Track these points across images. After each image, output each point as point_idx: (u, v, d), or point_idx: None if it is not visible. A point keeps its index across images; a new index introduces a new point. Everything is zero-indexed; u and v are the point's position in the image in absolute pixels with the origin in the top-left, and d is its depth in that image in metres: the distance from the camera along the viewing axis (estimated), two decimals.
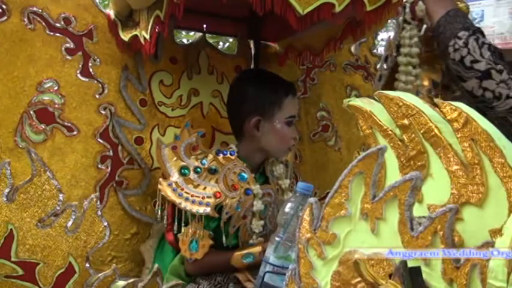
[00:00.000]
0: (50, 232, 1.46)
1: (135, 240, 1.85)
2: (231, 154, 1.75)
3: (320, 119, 2.37)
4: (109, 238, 1.50)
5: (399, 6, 1.61)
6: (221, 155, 1.74)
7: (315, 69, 2.37)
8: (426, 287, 0.86)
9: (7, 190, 1.44)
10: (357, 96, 2.48)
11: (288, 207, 1.35)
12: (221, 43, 3.91)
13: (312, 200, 0.98)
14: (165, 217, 1.70)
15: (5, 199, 1.43)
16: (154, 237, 1.86)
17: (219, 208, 1.66)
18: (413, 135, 1.04)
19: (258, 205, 1.71)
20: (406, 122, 1.05)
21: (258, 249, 1.62)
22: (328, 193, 2.14)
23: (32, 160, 1.44)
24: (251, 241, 1.70)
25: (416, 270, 0.86)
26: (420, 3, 1.49)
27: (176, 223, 1.66)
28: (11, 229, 1.45)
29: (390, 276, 0.86)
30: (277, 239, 1.34)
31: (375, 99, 1.16)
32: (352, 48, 2.51)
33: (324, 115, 2.38)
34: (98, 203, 1.48)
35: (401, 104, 1.06)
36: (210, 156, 1.73)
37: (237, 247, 1.70)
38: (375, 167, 0.90)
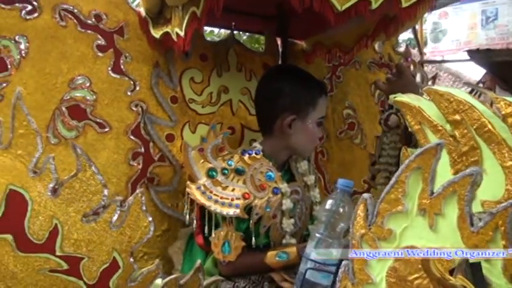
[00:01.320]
0: (94, 227, 1.46)
1: (166, 237, 1.84)
2: (256, 153, 1.74)
3: (346, 117, 2.37)
4: (153, 233, 1.50)
5: (433, 2, 1.62)
6: (247, 155, 1.73)
7: (341, 67, 2.37)
8: (486, 283, 0.85)
9: (52, 185, 1.44)
10: (380, 94, 2.49)
11: (328, 203, 1.35)
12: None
13: (366, 195, 0.97)
14: (194, 220, 1.70)
15: (49, 194, 1.44)
16: (182, 239, 1.85)
17: (248, 209, 1.65)
18: (465, 130, 1.04)
19: (287, 204, 1.70)
20: (457, 117, 1.04)
21: (292, 249, 1.61)
22: (355, 191, 2.15)
23: (77, 155, 1.45)
24: (284, 241, 1.69)
25: (477, 266, 0.85)
26: (392, 116, 1.79)
27: (206, 226, 1.66)
28: (56, 223, 1.45)
29: (450, 272, 0.86)
30: (317, 235, 1.34)
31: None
32: (376, 46, 2.50)
33: (350, 113, 2.38)
34: (143, 198, 1.49)
35: (452, 99, 1.05)
36: (236, 157, 1.73)
37: (269, 247, 1.70)
38: (433, 162, 0.89)
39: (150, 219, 1.49)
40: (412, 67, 2.05)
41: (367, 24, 1.86)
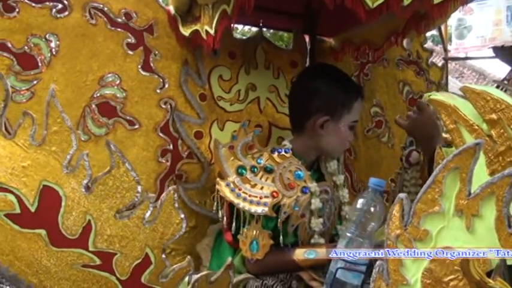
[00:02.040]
0: (127, 223, 1.48)
1: (194, 234, 1.84)
2: (285, 152, 1.73)
3: (373, 115, 2.35)
4: (185, 230, 1.51)
5: None
6: (276, 153, 1.72)
7: (369, 65, 2.35)
8: None
9: (86, 181, 1.46)
10: (409, 92, 2.46)
11: (359, 203, 1.34)
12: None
13: (402, 195, 0.96)
14: (224, 217, 1.70)
15: (83, 190, 1.46)
16: (210, 236, 1.85)
17: (276, 208, 1.64)
18: (502, 130, 1.02)
19: (316, 203, 1.69)
20: (494, 116, 1.03)
21: (322, 248, 1.60)
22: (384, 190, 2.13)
23: (111, 152, 1.47)
24: (312, 240, 1.68)
25: None
26: (414, 152, 1.83)
27: (234, 223, 1.66)
28: (89, 219, 1.48)
29: (487, 274, 0.84)
30: (348, 234, 1.33)
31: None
32: (404, 43, 2.47)
33: (378, 111, 2.36)
34: (175, 195, 1.50)
35: (489, 98, 1.04)
36: (266, 155, 1.72)
37: (297, 245, 1.68)
38: (471, 163, 0.88)
39: (183, 216, 1.51)
40: None
41: (397, 21, 1.84)
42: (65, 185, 1.49)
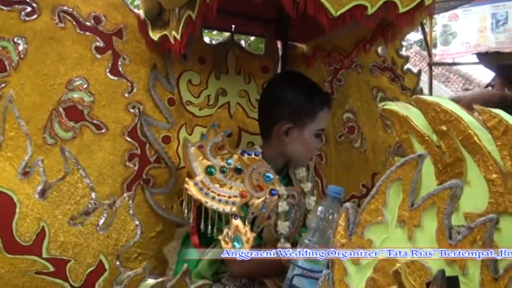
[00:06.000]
0: (81, 230, 1.48)
1: (161, 238, 1.85)
2: (255, 155, 1.74)
3: (346, 121, 2.36)
4: (140, 237, 1.52)
5: (432, 8, 1.61)
6: (246, 155, 1.73)
7: (342, 70, 2.36)
8: None
9: (40, 187, 1.46)
10: (383, 98, 2.47)
11: (318, 210, 1.35)
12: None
13: (348, 205, 0.97)
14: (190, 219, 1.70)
15: (37, 196, 1.45)
16: (178, 239, 1.85)
17: (245, 208, 1.65)
18: (451, 141, 1.03)
19: (283, 206, 1.70)
20: (443, 128, 1.04)
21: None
22: (353, 195, 2.14)
23: (65, 158, 1.46)
24: (279, 244, 1.69)
25: (454, 280, 0.85)
26: None
27: (203, 223, 1.65)
28: (43, 226, 1.47)
29: (427, 284, 0.85)
30: (306, 241, 1.34)
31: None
32: (379, 50, 2.49)
33: (350, 117, 2.37)
34: (130, 202, 1.50)
35: (439, 109, 1.05)
36: (235, 157, 1.73)
37: (260, 247, 1.68)
38: (414, 174, 0.89)
39: (137, 222, 1.50)
40: None
41: (365, 29, 1.85)
42: (19, 191, 1.48)
